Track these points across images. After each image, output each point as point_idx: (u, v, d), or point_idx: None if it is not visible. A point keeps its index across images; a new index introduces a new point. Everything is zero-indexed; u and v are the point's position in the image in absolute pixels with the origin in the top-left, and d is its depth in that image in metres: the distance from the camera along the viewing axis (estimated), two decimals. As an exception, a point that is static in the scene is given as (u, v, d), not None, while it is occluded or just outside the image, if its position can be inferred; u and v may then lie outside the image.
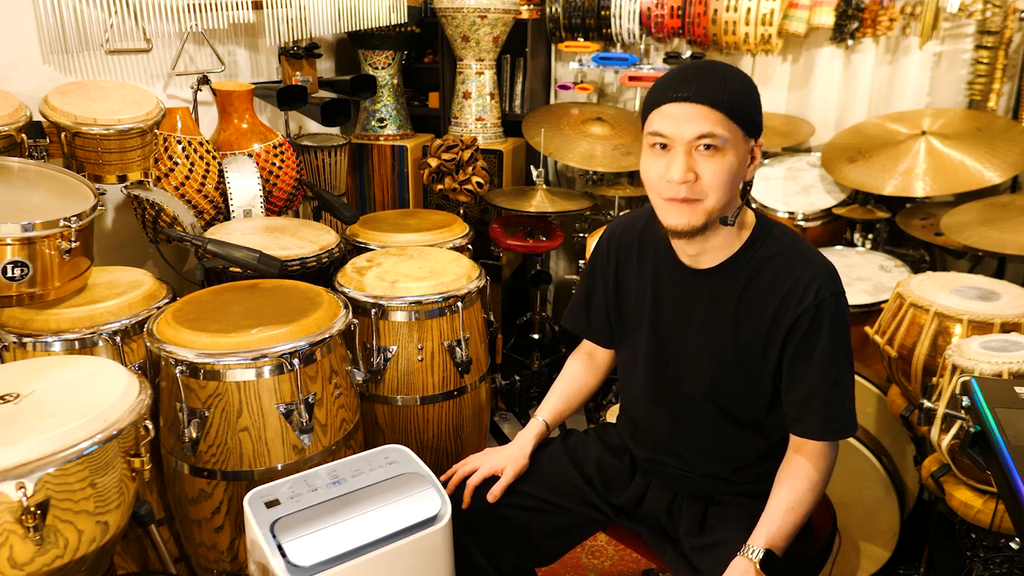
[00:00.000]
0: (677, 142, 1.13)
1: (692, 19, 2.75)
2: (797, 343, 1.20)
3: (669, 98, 1.13)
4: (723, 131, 1.11)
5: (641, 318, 1.35)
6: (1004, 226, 2.13)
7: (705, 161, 1.13)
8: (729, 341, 1.25)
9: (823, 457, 1.24)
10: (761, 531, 1.19)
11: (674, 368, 1.32)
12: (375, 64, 2.98)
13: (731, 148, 1.13)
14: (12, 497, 1.03)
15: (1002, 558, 1.50)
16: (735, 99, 1.12)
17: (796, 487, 1.22)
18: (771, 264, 1.22)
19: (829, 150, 2.64)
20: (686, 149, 1.12)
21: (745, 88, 1.15)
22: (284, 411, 1.53)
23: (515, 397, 2.79)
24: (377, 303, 1.86)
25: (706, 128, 1.11)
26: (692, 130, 1.11)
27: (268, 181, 2.30)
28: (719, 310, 1.26)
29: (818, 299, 1.18)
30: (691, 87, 1.11)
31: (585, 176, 3.06)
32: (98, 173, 1.82)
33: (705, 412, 1.31)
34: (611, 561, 2.11)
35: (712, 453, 1.34)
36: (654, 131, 1.15)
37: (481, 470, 1.42)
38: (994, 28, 2.48)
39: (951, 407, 1.39)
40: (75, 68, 2.05)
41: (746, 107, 1.14)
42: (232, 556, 1.61)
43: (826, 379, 1.20)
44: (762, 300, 1.22)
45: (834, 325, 1.19)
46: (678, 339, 1.31)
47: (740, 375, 1.26)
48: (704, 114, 1.10)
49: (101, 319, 1.60)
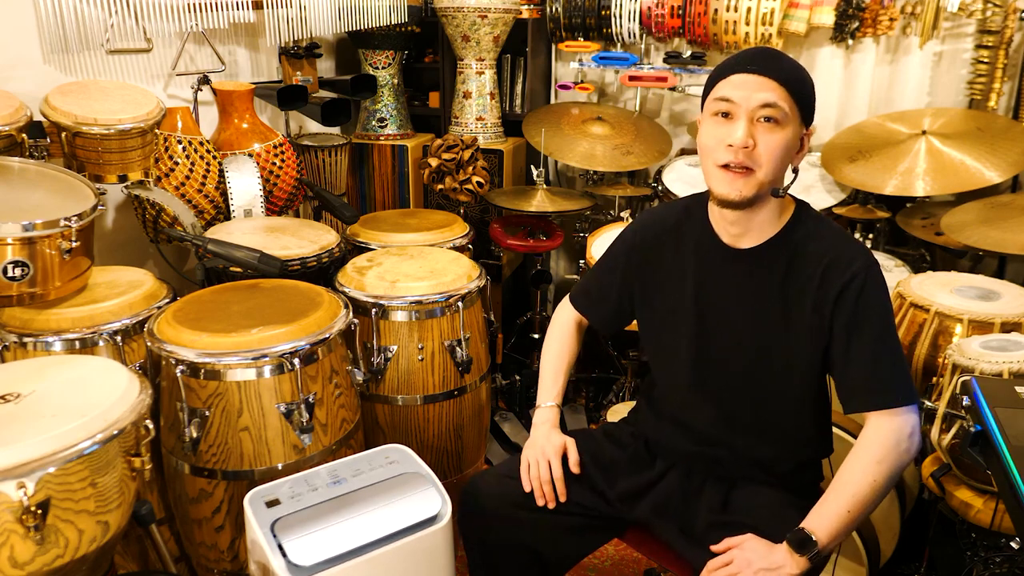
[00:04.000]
0: (742, 109, 1.18)
1: (692, 19, 2.75)
2: (850, 310, 1.21)
3: (740, 68, 1.19)
4: (785, 105, 1.17)
5: (682, 306, 1.35)
6: (1004, 226, 2.13)
7: (764, 132, 1.18)
8: (777, 317, 1.27)
9: (891, 431, 1.20)
10: (812, 515, 1.20)
11: (720, 351, 1.33)
12: (375, 64, 2.98)
13: (789, 124, 1.19)
14: (13, 497, 1.04)
15: (1002, 558, 1.50)
16: (799, 80, 1.19)
17: (854, 464, 1.20)
18: (814, 238, 1.26)
19: (829, 150, 2.64)
20: (748, 117, 1.18)
21: (807, 76, 1.22)
22: (284, 411, 1.53)
23: (515, 397, 2.79)
24: (377, 303, 1.86)
25: (771, 98, 1.16)
26: (758, 98, 1.17)
27: (268, 181, 2.30)
28: (764, 288, 1.27)
29: (865, 266, 1.21)
30: (761, 61, 1.19)
31: (585, 176, 3.06)
32: (98, 173, 1.82)
33: (751, 393, 1.32)
34: (611, 561, 2.11)
35: (755, 436, 1.33)
36: (721, 96, 1.20)
37: (554, 462, 1.38)
38: (994, 28, 2.48)
39: (951, 407, 1.40)
40: (75, 68, 2.05)
41: (806, 90, 1.21)
42: (232, 556, 1.61)
43: (884, 345, 1.21)
44: (808, 271, 1.24)
45: (883, 293, 1.22)
46: (723, 321, 1.32)
47: (788, 351, 1.27)
48: (771, 86, 1.17)
49: (102, 319, 1.60)
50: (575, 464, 1.38)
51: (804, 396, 1.31)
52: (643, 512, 1.38)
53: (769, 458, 1.34)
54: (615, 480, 1.40)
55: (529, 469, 1.38)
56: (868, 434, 1.21)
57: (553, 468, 1.37)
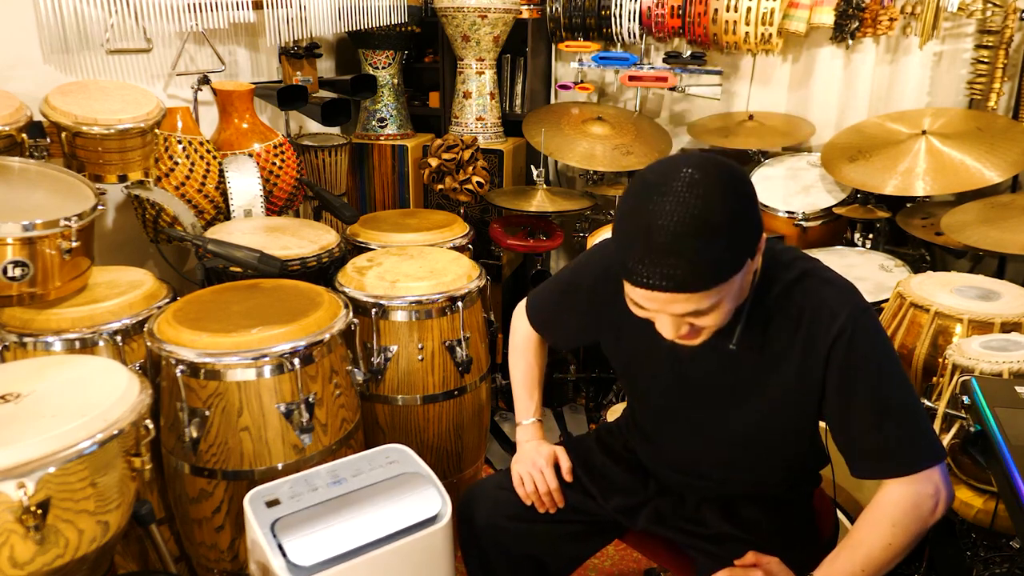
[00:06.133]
0: (661, 314, 1.03)
1: (692, 18, 2.75)
2: (840, 369, 1.08)
3: (637, 281, 0.97)
4: (711, 300, 0.98)
5: (653, 354, 1.24)
6: (1004, 225, 2.13)
7: (698, 319, 1.03)
8: (759, 368, 1.15)
9: (906, 497, 1.07)
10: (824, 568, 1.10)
11: (697, 401, 1.24)
12: (375, 64, 2.98)
13: (725, 298, 1.00)
14: (13, 497, 1.04)
15: (1002, 558, 1.50)
16: (714, 266, 0.95)
17: (868, 524, 1.08)
18: (792, 290, 1.11)
19: (829, 150, 2.64)
20: (673, 319, 1.03)
21: (725, 229, 0.94)
22: (284, 411, 1.53)
23: (515, 397, 2.79)
24: (377, 303, 1.86)
25: (688, 308, 0.99)
26: (672, 310, 1.00)
27: (268, 181, 2.30)
28: (742, 359, 1.15)
29: (851, 315, 1.07)
30: (658, 272, 0.95)
31: (585, 176, 3.06)
32: (98, 173, 1.82)
33: (731, 433, 1.24)
34: (611, 561, 2.11)
35: (741, 471, 1.28)
36: (632, 299, 1.03)
37: (547, 471, 1.34)
38: (994, 28, 2.48)
39: (951, 407, 1.40)
40: (75, 68, 2.05)
41: (731, 256, 0.97)
42: (232, 556, 1.61)
43: (888, 403, 1.07)
44: (790, 325, 1.11)
45: (877, 343, 1.08)
46: (700, 365, 1.20)
47: (772, 400, 1.16)
48: (683, 298, 0.97)
49: (102, 319, 1.60)
50: (567, 472, 1.36)
51: (792, 435, 1.22)
52: (642, 523, 1.36)
53: (761, 483, 1.29)
54: (610, 495, 1.37)
55: (523, 483, 1.34)
56: (883, 499, 1.09)
57: (548, 478, 1.34)
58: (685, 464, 1.33)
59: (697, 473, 1.32)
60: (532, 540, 1.37)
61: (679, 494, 1.36)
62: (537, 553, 1.39)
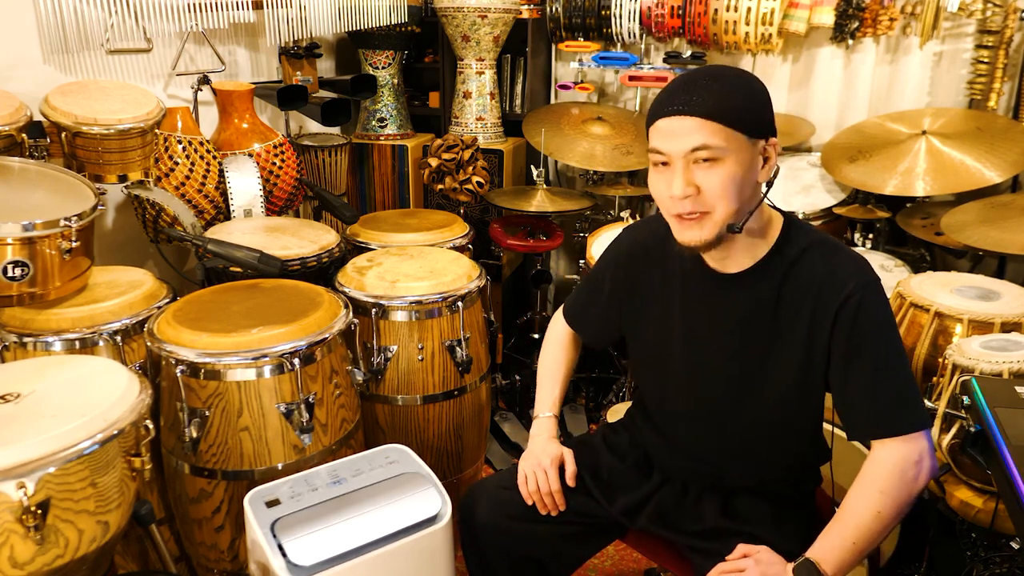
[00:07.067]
0: (674, 157, 1.10)
1: (692, 19, 2.75)
2: (847, 333, 1.14)
3: (663, 112, 1.10)
4: (720, 141, 1.07)
5: (668, 333, 1.31)
6: (1004, 225, 2.13)
7: (705, 173, 1.10)
8: (768, 345, 1.21)
9: (894, 461, 1.13)
10: (818, 543, 1.14)
11: (708, 379, 1.28)
12: (375, 64, 2.98)
13: (732, 155, 1.09)
14: (13, 497, 1.04)
15: (1002, 558, 1.50)
16: (731, 105, 1.08)
17: (857, 494, 1.14)
18: (804, 258, 1.18)
19: (829, 150, 2.64)
20: (684, 163, 1.10)
21: (745, 90, 1.11)
22: (284, 411, 1.53)
23: (515, 397, 2.79)
24: (377, 303, 1.86)
25: (700, 140, 1.07)
26: (686, 143, 1.08)
27: (268, 181, 2.30)
28: (753, 315, 1.21)
29: (861, 283, 1.14)
30: (682, 99, 1.08)
31: (585, 176, 3.06)
32: (98, 173, 1.82)
33: (742, 419, 1.27)
34: (611, 561, 2.11)
35: (748, 457, 1.31)
36: (652, 148, 1.13)
37: (551, 473, 1.35)
38: (994, 28, 2.48)
39: (951, 407, 1.40)
40: (75, 68, 2.05)
41: (746, 110, 1.09)
42: (232, 556, 1.61)
43: (886, 369, 1.13)
44: (800, 293, 1.17)
45: (884, 311, 1.15)
46: (711, 349, 1.26)
47: (780, 380, 1.21)
48: (698, 126, 1.07)
49: (101, 319, 1.60)
50: (571, 477, 1.36)
51: (798, 423, 1.27)
52: (643, 522, 1.37)
53: (764, 475, 1.32)
54: (615, 497, 1.38)
55: (527, 481, 1.36)
56: (871, 463, 1.15)
57: (550, 479, 1.34)
58: (694, 451, 1.34)
59: (705, 460, 1.33)
60: (533, 540, 1.37)
61: (683, 483, 1.37)
62: (537, 553, 1.39)
